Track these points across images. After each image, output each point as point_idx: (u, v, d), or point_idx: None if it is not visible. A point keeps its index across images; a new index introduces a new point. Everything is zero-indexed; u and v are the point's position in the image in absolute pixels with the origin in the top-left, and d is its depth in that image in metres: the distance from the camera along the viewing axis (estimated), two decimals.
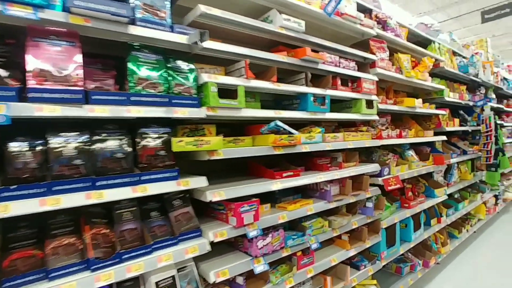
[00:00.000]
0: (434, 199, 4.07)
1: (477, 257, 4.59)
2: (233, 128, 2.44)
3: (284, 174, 2.24)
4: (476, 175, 5.50)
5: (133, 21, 1.62)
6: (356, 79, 2.88)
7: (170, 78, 1.73)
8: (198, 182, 1.78)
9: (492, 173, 5.49)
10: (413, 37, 4.35)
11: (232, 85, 1.94)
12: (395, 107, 3.45)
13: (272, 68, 2.19)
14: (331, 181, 2.68)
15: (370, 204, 2.88)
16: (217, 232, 1.83)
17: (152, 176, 1.63)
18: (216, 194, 1.83)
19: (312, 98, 2.38)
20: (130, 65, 1.61)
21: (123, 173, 1.59)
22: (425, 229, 3.98)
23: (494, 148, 5.37)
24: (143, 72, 1.64)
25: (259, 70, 2.33)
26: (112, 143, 1.61)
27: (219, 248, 2.16)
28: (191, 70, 1.82)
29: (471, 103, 5.34)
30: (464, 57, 5.51)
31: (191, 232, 1.81)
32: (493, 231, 5.71)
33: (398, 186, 3.07)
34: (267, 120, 2.15)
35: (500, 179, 5.72)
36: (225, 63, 2.15)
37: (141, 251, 1.57)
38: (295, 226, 2.47)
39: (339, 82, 2.70)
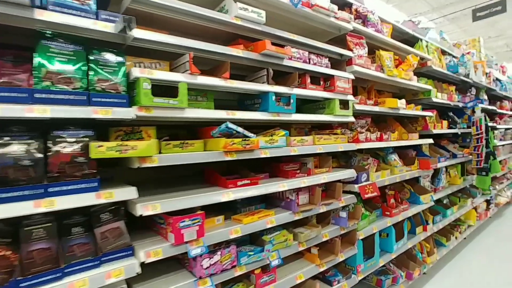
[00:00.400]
0: (420, 206, 3.84)
1: (466, 265, 4.35)
2: (192, 131, 2.21)
3: (239, 183, 1.99)
4: (466, 179, 5.28)
5: (44, 5, 1.38)
6: (329, 77, 2.64)
7: (91, 72, 1.48)
8: (125, 193, 1.53)
9: (482, 178, 5.26)
10: (400, 35, 4.13)
11: (172, 81, 1.69)
12: (376, 108, 3.21)
13: (224, 64, 1.94)
14: (299, 189, 2.43)
15: (343, 214, 2.64)
16: (151, 251, 1.58)
17: (64, 188, 1.38)
18: (149, 207, 1.58)
19: (273, 98, 2.13)
20: (37, 57, 1.36)
21: (30, 183, 1.34)
22: (410, 237, 3.74)
23: (485, 152, 5.15)
24: (55, 65, 1.39)
25: (215, 65, 2.08)
26: (16, 148, 1.36)
27: (167, 265, 1.92)
28: (120, 64, 1.56)
29: (461, 105, 5.10)
30: (454, 57, 5.29)
31: (120, 251, 1.56)
32: (484, 237, 5.48)
33: (375, 194, 2.83)
34: (222, 122, 1.90)
35: (491, 183, 5.49)
36: (175, 58, 1.90)
37: (47, 277, 1.32)
38: (256, 239, 2.22)
39: (308, 80, 2.45)
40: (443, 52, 5.04)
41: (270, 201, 2.50)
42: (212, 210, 2.19)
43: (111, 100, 1.48)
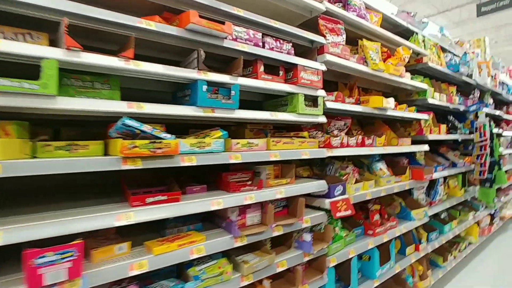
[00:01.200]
0: (411, 223, 3.30)
1: None
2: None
3: (149, 199, 1.49)
4: (468, 191, 4.71)
5: None
6: (291, 67, 2.13)
7: None
8: None
9: (486, 190, 4.70)
10: (392, 27, 3.61)
11: (33, 57, 1.19)
12: (356, 108, 2.68)
13: (129, 39, 1.44)
14: (248, 206, 1.93)
15: (307, 237, 2.11)
16: None
17: None
18: None
19: (205, 88, 1.63)
20: None
21: None
22: (399, 259, 3.20)
23: (489, 161, 4.59)
24: None
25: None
26: None
27: None
28: None
29: (462, 108, 4.56)
30: (456, 55, 4.75)
31: None
32: (486, 256, 4.90)
33: (348, 212, 2.30)
34: (138, 117, 1.41)
35: (495, 195, 4.92)
36: None
37: None
38: (182, 272, 1.72)
39: (261, 68, 1.94)
40: (443, 50, 4.51)
41: (214, 220, 2.00)
42: (130, 232, 1.71)
43: None
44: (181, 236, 1.66)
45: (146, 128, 1.39)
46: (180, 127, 2.02)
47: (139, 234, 1.76)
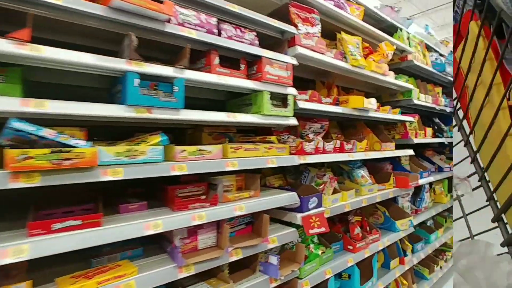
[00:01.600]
0: (395, 234, 3.03)
1: None
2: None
3: (57, 225, 1.14)
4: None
5: None
6: (255, 60, 1.82)
7: None
8: None
9: None
10: (375, 23, 3.35)
11: None
12: (333, 108, 2.39)
13: (27, 17, 1.09)
14: (200, 227, 1.60)
15: (274, 260, 1.80)
16: None
17: None
18: None
19: (136, 82, 1.29)
20: None
21: None
22: (382, 274, 2.92)
23: None
24: None
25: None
26: None
27: None
28: None
29: (448, 109, 4.34)
30: (441, 55, 4.54)
31: None
32: None
33: (322, 230, 1.99)
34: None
35: None
36: None
37: None
38: None
39: (215, 60, 1.62)
40: (429, 49, 4.29)
41: (161, 242, 1.67)
42: (51, 260, 1.35)
43: None
44: (107, 268, 1.31)
45: (47, 133, 1.05)
46: (126, 132, 1.68)
47: (61, 264, 1.41)
